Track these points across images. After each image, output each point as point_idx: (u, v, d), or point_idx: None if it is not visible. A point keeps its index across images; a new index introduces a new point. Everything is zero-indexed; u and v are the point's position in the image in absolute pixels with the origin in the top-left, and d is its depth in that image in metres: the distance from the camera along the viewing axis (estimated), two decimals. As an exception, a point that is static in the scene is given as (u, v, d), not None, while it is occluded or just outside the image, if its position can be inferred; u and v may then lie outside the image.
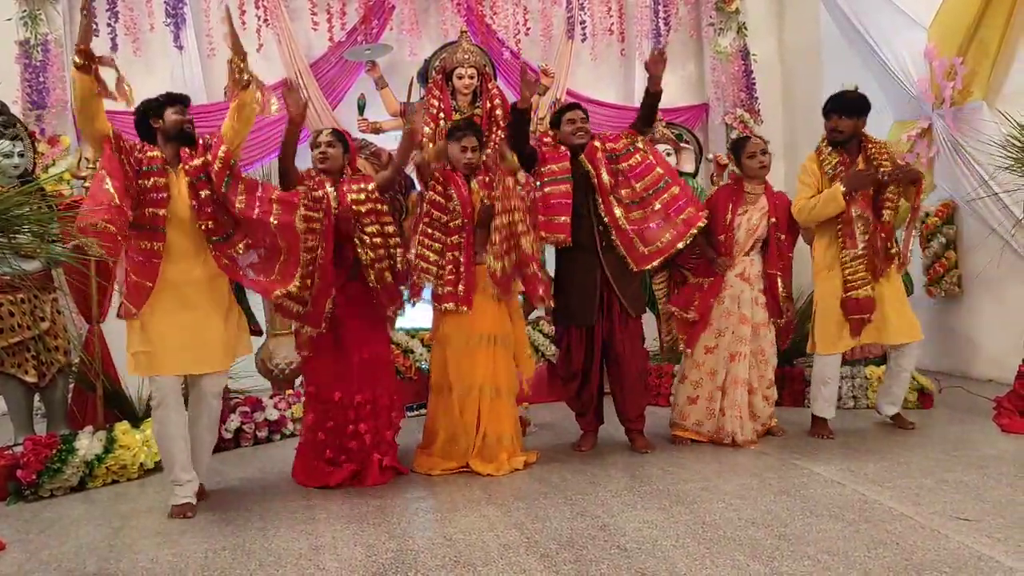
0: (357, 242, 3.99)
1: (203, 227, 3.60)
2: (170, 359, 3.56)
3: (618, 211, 4.42)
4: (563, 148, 4.51)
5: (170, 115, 3.65)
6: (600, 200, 4.42)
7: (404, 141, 4.23)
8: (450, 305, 4.19)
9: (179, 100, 3.72)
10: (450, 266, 4.21)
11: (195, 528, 3.48)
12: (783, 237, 4.67)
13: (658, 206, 4.44)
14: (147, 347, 3.54)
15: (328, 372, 4.06)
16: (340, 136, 4.21)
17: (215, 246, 3.63)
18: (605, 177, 4.42)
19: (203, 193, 3.59)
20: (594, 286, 4.44)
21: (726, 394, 4.58)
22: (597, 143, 4.50)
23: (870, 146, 4.61)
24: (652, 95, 4.45)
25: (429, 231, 4.23)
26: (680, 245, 4.43)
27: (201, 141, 3.70)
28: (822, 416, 4.70)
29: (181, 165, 3.64)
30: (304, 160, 4.09)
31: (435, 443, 4.28)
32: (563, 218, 4.39)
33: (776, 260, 4.65)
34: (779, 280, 4.65)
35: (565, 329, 4.57)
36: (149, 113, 3.68)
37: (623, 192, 4.45)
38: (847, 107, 4.57)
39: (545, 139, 4.61)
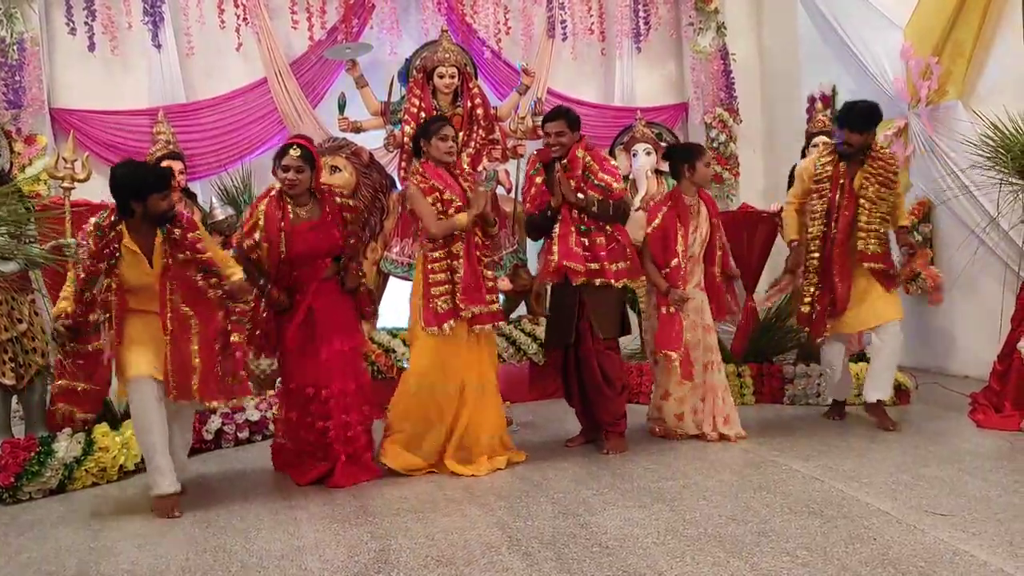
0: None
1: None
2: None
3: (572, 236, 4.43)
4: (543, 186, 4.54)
5: (156, 202, 3.58)
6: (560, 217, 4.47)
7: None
8: (458, 318, 4.17)
9: (166, 184, 3.61)
10: (457, 275, 4.19)
11: (176, 530, 3.47)
12: (725, 244, 4.80)
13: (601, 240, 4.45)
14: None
15: (302, 367, 4.10)
16: (308, 157, 4.10)
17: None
18: (579, 162, 4.47)
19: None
20: (572, 305, 4.46)
21: (705, 402, 4.67)
22: (579, 154, 4.47)
23: (872, 163, 4.63)
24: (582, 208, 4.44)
25: (432, 256, 4.23)
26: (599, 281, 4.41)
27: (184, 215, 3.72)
28: (833, 399, 5.03)
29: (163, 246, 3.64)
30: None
31: (400, 432, 4.24)
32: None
33: (725, 261, 4.75)
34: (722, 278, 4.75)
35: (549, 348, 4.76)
36: (130, 195, 3.57)
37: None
38: (858, 121, 4.59)
39: (534, 180, 4.60)
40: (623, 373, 4.66)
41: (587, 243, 4.41)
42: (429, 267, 4.22)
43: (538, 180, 4.58)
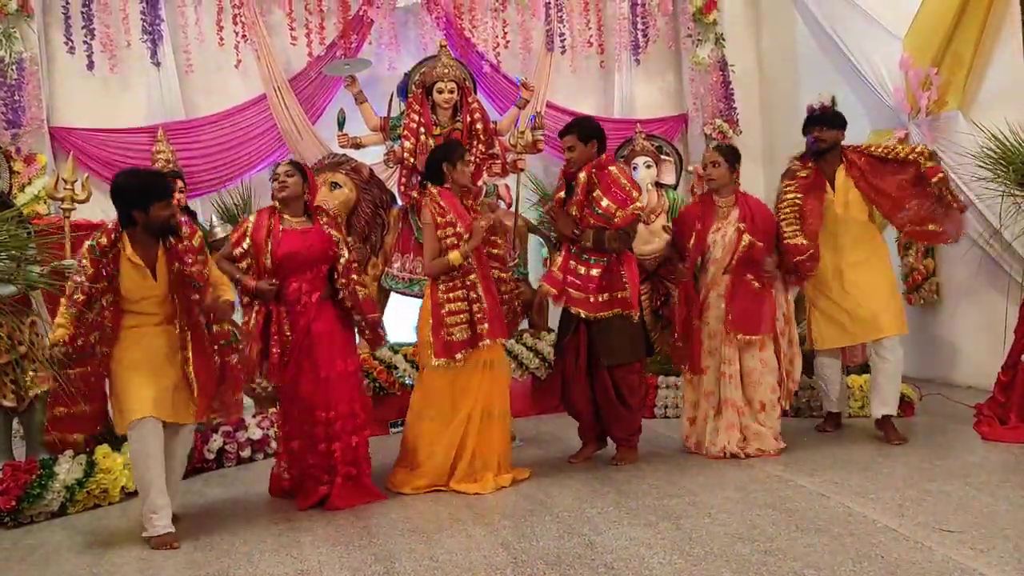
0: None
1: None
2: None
3: (569, 261, 4.41)
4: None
5: (158, 210, 3.54)
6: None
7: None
8: (483, 343, 4.15)
9: (167, 193, 3.60)
10: (476, 304, 4.17)
11: (179, 554, 3.44)
12: (759, 244, 4.52)
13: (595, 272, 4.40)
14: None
15: (305, 389, 4.04)
16: (299, 167, 4.19)
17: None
18: (580, 188, 4.41)
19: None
20: (572, 320, 4.45)
21: (720, 415, 4.57)
22: (584, 175, 4.42)
23: (851, 155, 4.67)
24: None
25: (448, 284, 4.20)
26: (605, 314, 4.37)
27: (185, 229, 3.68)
28: (828, 411, 5.00)
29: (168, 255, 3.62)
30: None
31: (412, 460, 4.24)
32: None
33: (757, 274, 4.53)
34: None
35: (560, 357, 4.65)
36: (132, 203, 3.54)
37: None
38: (828, 119, 4.71)
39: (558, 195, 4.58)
40: (640, 393, 4.60)
41: (582, 270, 4.37)
42: (444, 296, 4.17)
43: (561, 195, 4.56)
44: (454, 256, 4.14)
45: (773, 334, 4.58)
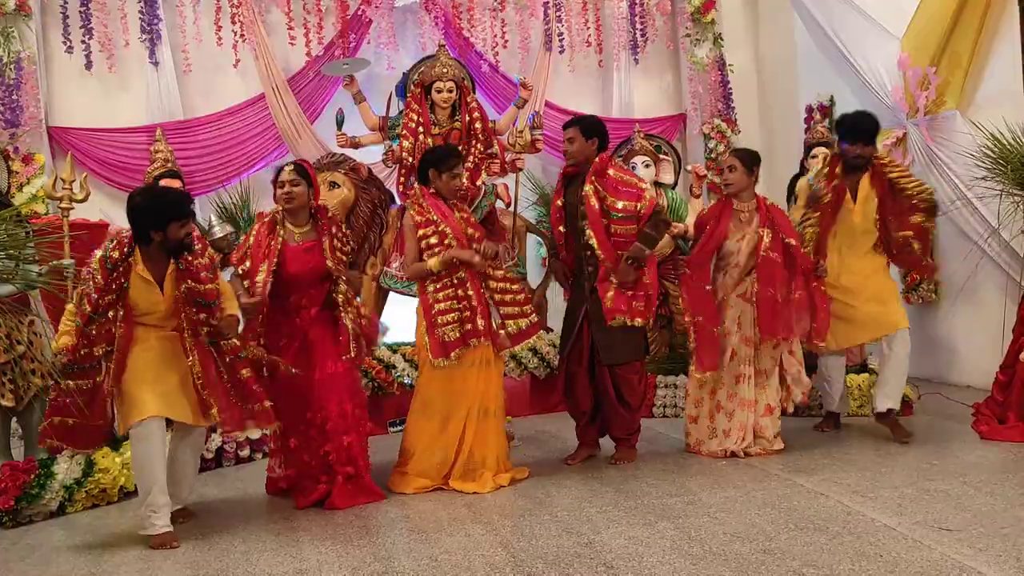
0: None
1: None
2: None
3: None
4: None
5: (176, 230, 3.52)
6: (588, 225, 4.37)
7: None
8: (474, 341, 4.14)
9: (185, 213, 3.55)
10: (463, 303, 4.17)
11: (178, 553, 3.44)
12: (790, 245, 4.45)
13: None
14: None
15: (298, 392, 4.03)
16: (303, 172, 4.11)
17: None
18: (595, 204, 4.35)
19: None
20: (575, 321, 4.47)
21: (732, 416, 4.53)
22: (589, 187, 4.37)
23: (884, 168, 4.62)
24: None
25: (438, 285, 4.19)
26: (638, 321, 4.32)
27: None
28: (828, 410, 5.03)
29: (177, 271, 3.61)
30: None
31: (410, 462, 4.24)
32: None
33: (768, 279, 4.43)
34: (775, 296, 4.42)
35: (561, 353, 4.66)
36: (150, 223, 3.51)
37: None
38: (868, 133, 4.59)
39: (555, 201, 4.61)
40: (640, 392, 4.59)
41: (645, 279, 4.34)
42: (434, 296, 4.18)
43: (559, 202, 4.56)
44: (433, 263, 4.14)
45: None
